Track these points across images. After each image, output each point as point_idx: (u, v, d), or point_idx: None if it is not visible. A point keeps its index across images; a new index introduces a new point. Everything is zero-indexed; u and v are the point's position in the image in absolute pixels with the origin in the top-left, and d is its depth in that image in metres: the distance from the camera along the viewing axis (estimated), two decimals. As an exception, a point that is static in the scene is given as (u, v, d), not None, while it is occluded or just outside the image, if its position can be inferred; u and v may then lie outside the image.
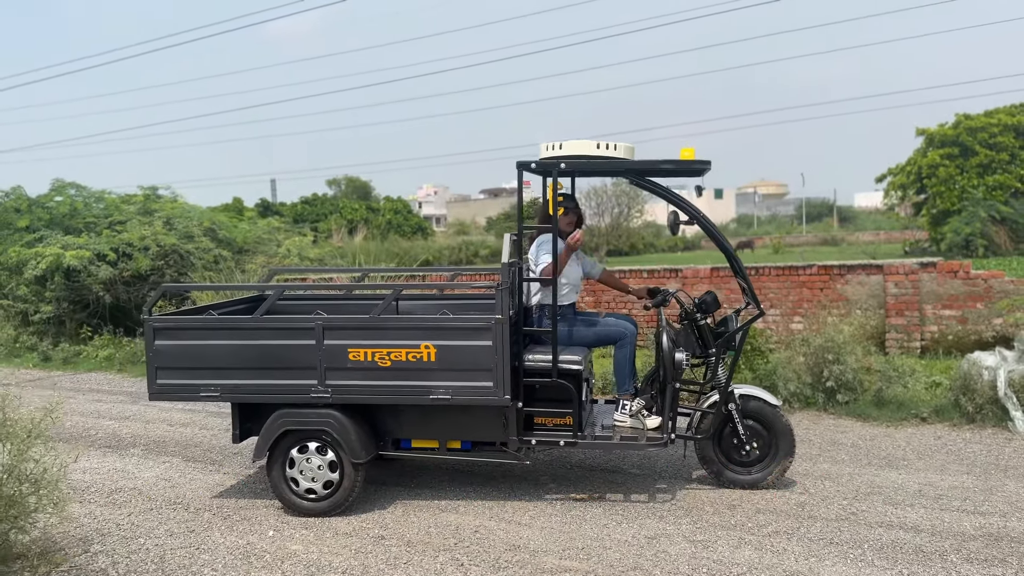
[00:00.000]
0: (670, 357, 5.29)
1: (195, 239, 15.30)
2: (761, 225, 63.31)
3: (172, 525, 5.34)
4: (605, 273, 6.22)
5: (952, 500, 5.32)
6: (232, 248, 16.18)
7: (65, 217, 15.74)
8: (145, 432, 7.98)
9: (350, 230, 39.99)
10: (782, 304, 11.53)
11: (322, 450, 5.36)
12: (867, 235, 46.13)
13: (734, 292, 11.89)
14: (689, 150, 5.33)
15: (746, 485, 5.58)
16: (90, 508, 5.73)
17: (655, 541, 4.79)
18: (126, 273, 14.27)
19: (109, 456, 7.14)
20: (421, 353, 5.16)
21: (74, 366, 12.48)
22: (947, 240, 27.45)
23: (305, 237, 17.53)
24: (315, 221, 47.75)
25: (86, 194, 16.78)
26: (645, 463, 6.31)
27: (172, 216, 15.73)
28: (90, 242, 14.34)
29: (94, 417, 8.71)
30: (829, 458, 6.35)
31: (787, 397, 7.98)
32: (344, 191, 61.08)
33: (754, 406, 5.57)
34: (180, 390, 5.46)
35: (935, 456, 6.34)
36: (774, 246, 41.12)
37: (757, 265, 11.94)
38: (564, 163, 5.26)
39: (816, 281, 11.40)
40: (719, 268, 12.09)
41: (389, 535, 5.03)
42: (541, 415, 5.39)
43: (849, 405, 7.69)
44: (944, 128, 30.24)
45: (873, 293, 10.93)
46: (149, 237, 14.62)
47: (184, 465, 6.77)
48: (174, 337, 5.41)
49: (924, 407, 7.44)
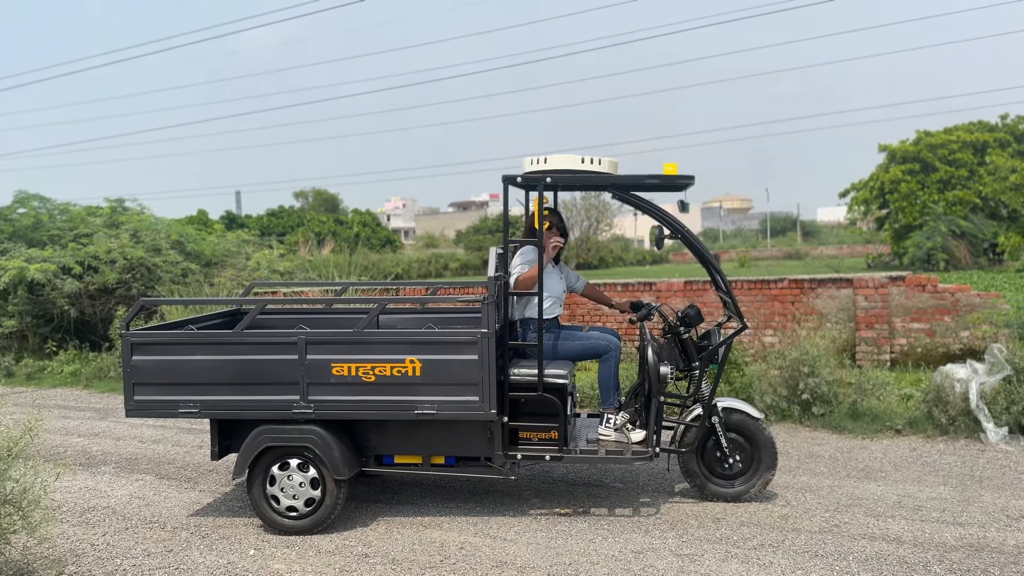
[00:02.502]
0: (655, 371, 5.30)
1: (163, 252, 15.08)
2: (727, 239, 64.04)
3: (149, 545, 5.21)
4: (588, 287, 6.23)
5: (931, 511, 5.39)
6: (200, 261, 15.98)
7: (28, 230, 15.44)
8: (116, 449, 7.81)
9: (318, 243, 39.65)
10: (754, 317, 11.63)
11: (304, 467, 5.28)
12: (830, 249, 46.90)
13: (708, 305, 11.98)
14: (672, 165, 5.37)
15: (729, 498, 5.60)
16: (63, 528, 5.58)
17: (642, 556, 4.78)
18: (92, 287, 14.01)
19: (80, 474, 6.97)
20: (406, 368, 5.12)
21: (38, 382, 12.20)
22: (909, 254, 28.00)
23: (274, 250, 17.35)
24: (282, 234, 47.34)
25: (50, 206, 16.46)
26: (628, 477, 6.31)
27: (139, 229, 15.49)
28: (55, 255, 14.06)
29: (62, 434, 8.51)
30: (808, 470, 6.40)
31: (763, 410, 8.03)
32: (312, 204, 60.70)
33: (737, 419, 5.60)
34: (158, 406, 5.35)
35: (911, 467, 6.42)
36: (740, 260, 41.62)
37: (730, 279, 12.01)
38: (550, 177, 5.27)
39: (787, 295, 11.53)
40: (692, 281, 12.18)
41: (373, 553, 4.96)
42: (526, 429, 5.37)
43: (825, 417, 7.77)
44: (905, 144, 30.92)
45: (843, 306, 11.08)
46: (116, 250, 14.39)
47: (158, 483, 6.63)
48: (152, 352, 5.31)
49: (898, 419, 7.55)
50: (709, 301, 12.02)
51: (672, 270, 39.55)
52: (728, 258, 46.26)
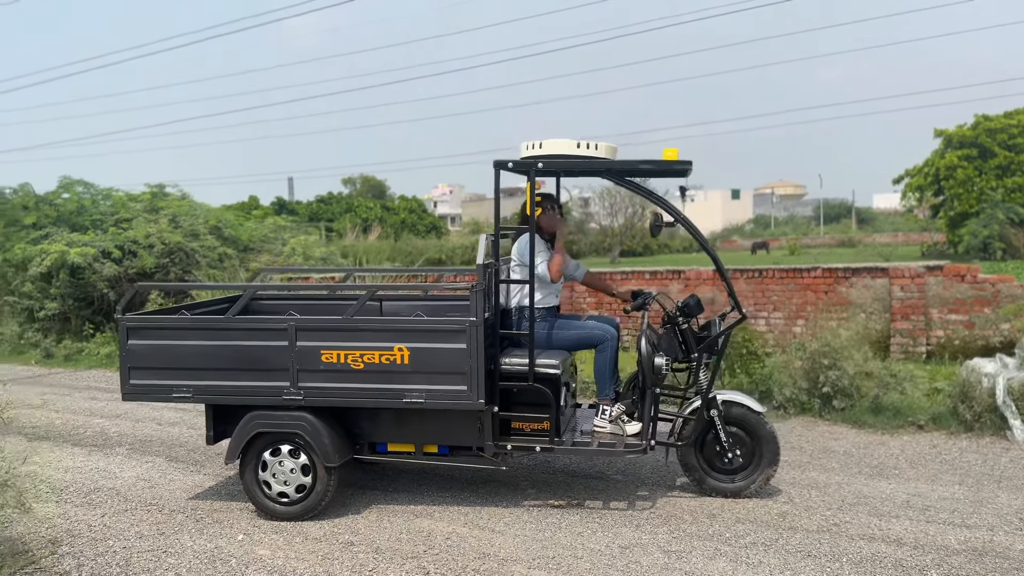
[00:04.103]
0: (649, 361, 5.16)
1: (200, 237, 15.31)
2: (778, 226, 62.84)
3: (143, 527, 5.27)
4: (588, 275, 6.09)
5: (940, 512, 5.16)
6: (238, 246, 16.19)
7: (72, 214, 15.80)
8: (133, 431, 7.94)
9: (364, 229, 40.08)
10: (785, 307, 11.35)
11: (295, 453, 5.28)
12: (885, 237, 45.65)
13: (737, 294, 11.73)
14: (672, 150, 5.20)
15: (728, 493, 5.44)
16: (65, 508, 5.69)
17: (628, 551, 4.67)
18: (131, 270, 14.30)
19: (94, 455, 7.10)
20: (394, 355, 5.07)
21: (75, 363, 12.51)
22: (964, 243, 27.08)
23: (311, 236, 17.49)
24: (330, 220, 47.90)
25: (94, 191, 16.85)
26: (629, 469, 6.18)
27: (178, 214, 15.75)
28: (96, 239, 14.38)
29: (85, 415, 8.69)
30: (819, 466, 6.20)
31: (782, 403, 7.83)
32: (359, 190, 61.25)
33: (737, 413, 5.44)
34: (153, 391, 5.41)
35: (928, 465, 6.17)
36: (790, 247, 40.76)
37: (760, 267, 11.75)
38: (542, 163, 5.15)
39: (820, 284, 11.20)
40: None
41: (359, 541, 4.94)
42: (518, 420, 5.28)
43: (845, 412, 7.52)
44: (963, 129, 29.84)
45: (878, 297, 10.73)
46: (154, 235, 14.65)
47: (166, 465, 6.72)
48: (147, 337, 5.35)
49: (922, 414, 7.26)
50: (739, 290, 11.75)
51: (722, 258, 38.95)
52: (778, 245, 45.37)
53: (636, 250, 42.06)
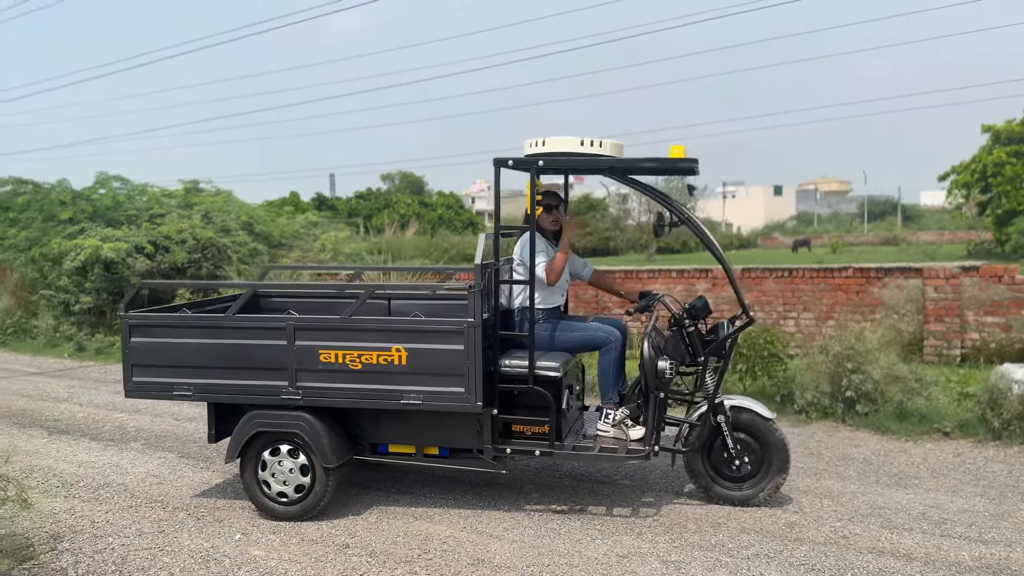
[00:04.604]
0: (651, 365, 5.02)
1: (232, 233, 15.47)
2: (821, 223, 61.74)
3: (145, 524, 5.28)
4: (596, 274, 5.96)
5: (956, 525, 4.94)
6: (269, 242, 16.32)
7: (108, 210, 16.04)
8: (151, 426, 8.01)
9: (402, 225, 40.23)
10: (815, 308, 11.08)
11: (294, 453, 5.25)
12: (931, 235, 44.59)
13: (765, 295, 11.49)
14: (679, 147, 5.05)
15: (736, 502, 5.28)
16: (72, 503, 5.72)
17: (626, 560, 4.55)
18: (163, 265, 14.49)
19: (109, 449, 7.17)
20: (392, 356, 5.00)
21: (106, 357, 12.69)
22: (1012, 241, 26.29)
23: (342, 232, 17.56)
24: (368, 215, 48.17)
25: (130, 187, 17.10)
26: (637, 474, 6.05)
27: (210, 210, 15.92)
28: (129, 234, 14.59)
29: (107, 409, 8.79)
30: (835, 474, 6.00)
31: (804, 407, 7.62)
32: (398, 186, 61.53)
33: (746, 418, 5.27)
34: (154, 388, 5.41)
35: (950, 475, 5.93)
36: (832, 245, 40.01)
37: (790, 267, 11.50)
38: (542, 160, 5.04)
39: (851, 284, 10.92)
40: (751, 269, 11.69)
41: (355, 543, 4.88)
42: (519, 423, 5.19)
43: (869, 417, 7.28)
44: (1011, 125, 28.94)
45: (911, 297, 10.41)
46: (186, 230, 14.83)
47: (177, 461, 6.74)
48: (148, 334, 5.36)
49: (948, 421, 7.00)
50: (768, 290, 11.53)
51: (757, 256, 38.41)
52: (820, 243, 44.58)
53: (674, 247, 41.65)
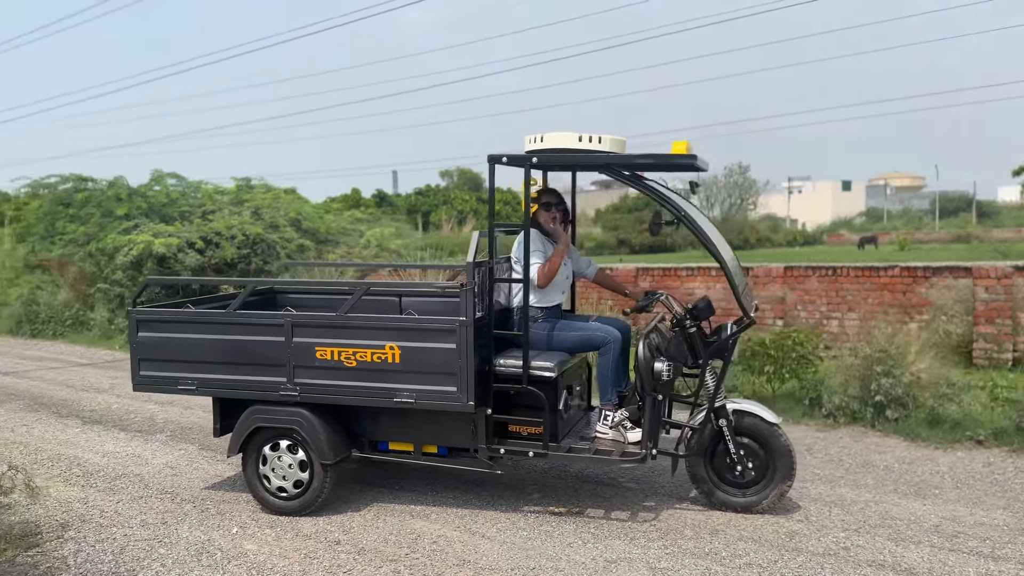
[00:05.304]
0: (647, 367, 4.89)
1: (280, 229, 15.75)
2: (891, 219, 59.82)
3: (150, 515, 5.39)
4: (600, 273, 5.85)
5: (969, 540, 4.69)
6: (316, 238, 16.57)
7: (162, 206, 16.51)
8: (179, 417, 8.19)
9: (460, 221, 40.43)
10: (861, 308, 10.71)
11: (293, 449, 5.29)
12: (1007, 232, 42.71)
13: (808, 294, 11.18)
14: (682, 143, 4.91)
15: (738, 508, 5.12)
16: (88, 493, 5.88)
17: (614, 565, 4.45)
18: (213, 260, 14.84)
19: (135, 440, 7.35)
20: (386, 354, 4.99)
21: (153, 349, 13.01)
22: (1090, 239, 24.99)
23: (387, 228, 17.72)
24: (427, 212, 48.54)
25: (184, 184, 17.57)
26: (644, 477, 5.92)
27: (260, 206, 16.24)
28: (181, 230, 14.98)
29: (141, 400, 9.02)
30: (851, 482, 5.77)
31: (831, 411, 7.36)
32: (456, 182, 61.86)
33: (749, 423, 5.10)
34: (160, 382, 5.52)
35: (975, 485, 5.65)
36: (900, 243, 38.74)
37: (835, 265, 11.16)
38: (537, 157, 4.96)
39: (897, 283, 10.54)
40: (794, 267, 11.38)
41: (346, 540, 4.89)
42: (514, 423, 5.13)
43: (899, 423, 7.00)
44: (1092, 116, 27.49)
45: (961, 298, 9.98)
46: (236, 226, 15.16)
47: (197, 453, 6.88)
48: (154, 329, 5.47)
49: (982, 429, 6.67)
50: (811, 289, 11.21)
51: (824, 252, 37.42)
52: (888, 240, 43.22)
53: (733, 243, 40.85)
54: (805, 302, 11.15)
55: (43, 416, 8.32)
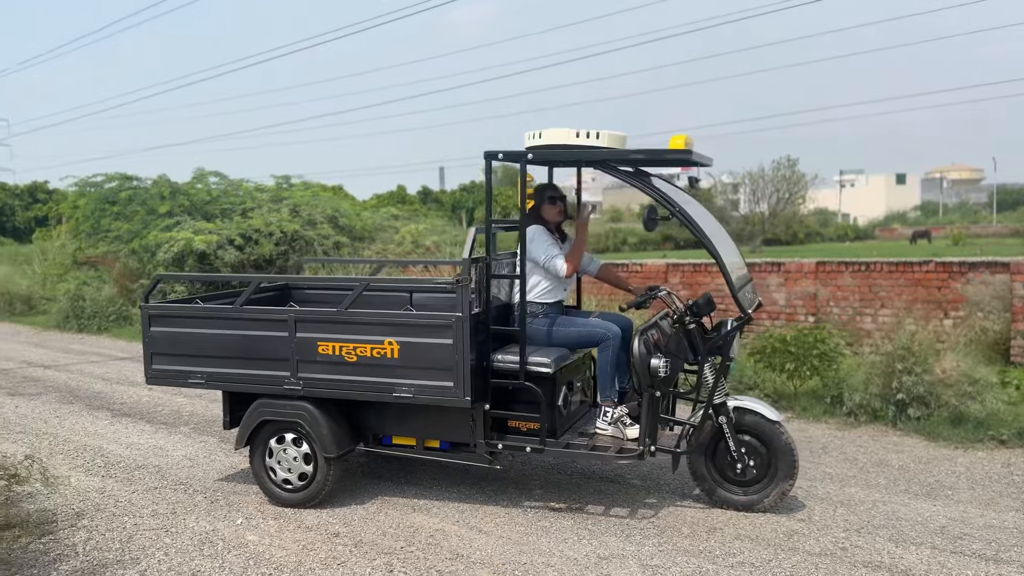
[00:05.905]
0: (643, 363, 4.86)
1: (317, 226, 15.99)
2: (947, 213, 58.23)
3: (162, 506, 5.53)
4: (604, 269, 5.83)
5: (973, 542, 4.57)
6: (352, 235, 16.78)
7: (205, 204, 16.87)
8: (206, 411, 8.37)
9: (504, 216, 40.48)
10: (893, 304, 10.47)
11: (298, 442, 5.38)
12: (1069, 226, 41.27)
13: (841, 290, 10.96)
14: (680, 138, 4.87)
15: (739, 506, 5.07)
16: (106, 483, 6.06)
17: (604, 562, 4.44)
18: (252, 257, 15.14)
19: (160, 432, 7.54)
20: (385, 349, 5.05)
21: (191, 344, 13.32)
22: None
23: (421, 224, 17.85)
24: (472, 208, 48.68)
25: (226, 182, 17.94)
26: (649, 474, 5.89)
27: (299, 204, 16.51)
28: (221, 227, 15.31)
29: (171, 393, 9.22)
30: (863, 481, 5.66)
31: (852, 409, 7.22)
32: (500, 178, 61.88)
33: (751, 420, 5.04)
34: (172, 376, 5.66)
35: (990, 487, 5.50)
36: (954, 237, 37.69)
37: (868, 260, 10.92)
38: (532, 153, 4.96)
39: (932, 279, 10.28)
40: (826, 263, 11.17)
41: (346, 533, 4.97)
42: (512, 418, 5.15)
43: (920, 422, 6.83)
44: None
45: (998, 294, 9.69)
46: (274, 224, 15.43)
47: (217, 445, 7.03)
48: (166, 324, 5.61)
49: (1006, 429, 6.48)
50: (844, 285, 10.99)
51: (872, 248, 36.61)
52: (942, 235, 42.09)
53: (782, 238, 40.23)
54: (838, 299, 10.94)
55: (76, 408, 8.58)
